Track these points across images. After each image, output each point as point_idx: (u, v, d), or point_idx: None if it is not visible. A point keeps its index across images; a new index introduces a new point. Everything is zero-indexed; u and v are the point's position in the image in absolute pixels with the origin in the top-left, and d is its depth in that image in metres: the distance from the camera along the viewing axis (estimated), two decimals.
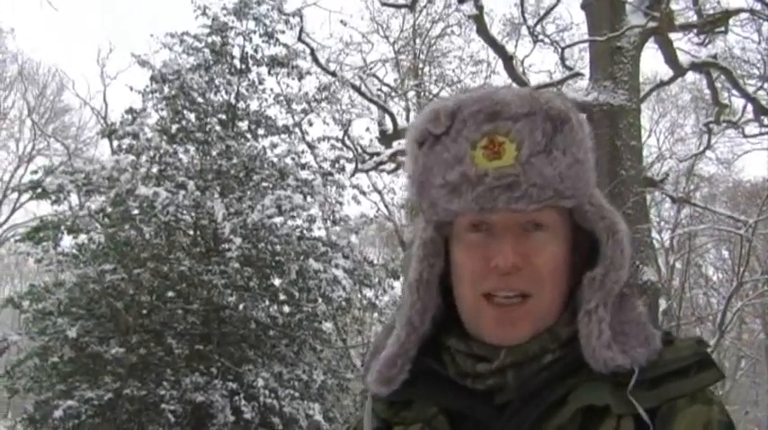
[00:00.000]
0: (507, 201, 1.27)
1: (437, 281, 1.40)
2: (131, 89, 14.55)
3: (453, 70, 26.07)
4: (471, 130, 1.30)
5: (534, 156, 1.28)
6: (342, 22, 22.49)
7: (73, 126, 41.42)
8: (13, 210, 39.59)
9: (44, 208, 13.98)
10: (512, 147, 1.28)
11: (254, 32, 14.85)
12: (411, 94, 26.81)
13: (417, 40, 26.37)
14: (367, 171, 16.99)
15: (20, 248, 13.27)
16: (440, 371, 1.38)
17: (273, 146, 15.08)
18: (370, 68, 23.91)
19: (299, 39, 15.89)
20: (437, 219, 1.36)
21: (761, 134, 21.43)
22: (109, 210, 13.06)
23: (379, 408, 1.44)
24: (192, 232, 13.71)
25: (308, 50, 16.05)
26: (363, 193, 15.97)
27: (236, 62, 14.88)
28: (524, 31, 18.15)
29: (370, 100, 20.12)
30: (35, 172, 13.74)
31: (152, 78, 14.14)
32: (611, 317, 1.32)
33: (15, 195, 33.31)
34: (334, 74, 18.03)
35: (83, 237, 13.47)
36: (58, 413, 11.68)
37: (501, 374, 1.32)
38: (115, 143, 14.81)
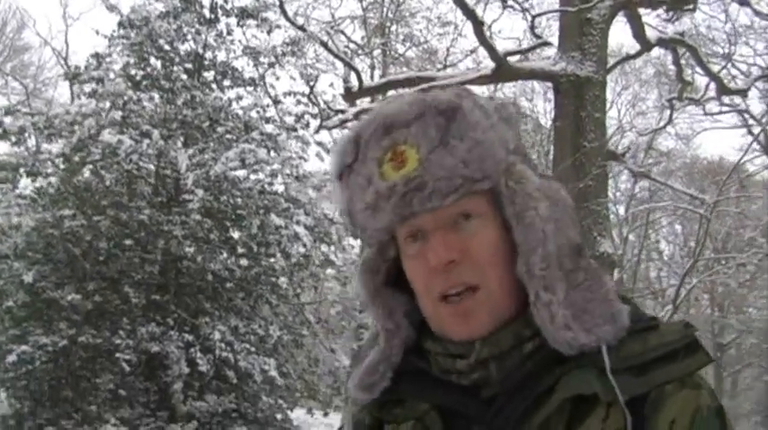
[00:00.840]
0: (421, 201, 1.29)
1: (384, 284, 1.42)
2: (97, 33, 14.36)
3: (421, 30, 26.02)
4: (374, 149, 1.33)
5: (432, 152, 1.30)
6: None
7: (32, 65, 40.71)
8: None
9: (1, 148, 13.75)
10: (413, 152, 1.30)
11: None
12: (377, 52, 26.74)
13: None
14: (331, 128, 16.89)
15: None
16: (426, 369, 1.39)
17: (239, 98, 15.00)
18: (338, 24, 23.81)
19: None
20: (376, 241, 1.39)
21: (721, 112, 21.73)
22: (69, 154, 12.86)
23: (370, 406, 1.45)
24: (153, 181, 13.60)
25: (276, 2, 15.91)
26: (327, 151, 15.93)
27: (206, 11, 14.72)
28: None
29: (337, 56, 19.92)
30: None
31: (120, 24, 13.94)
32: (569, 295, 1.30)
33: None
34: (302, 28, 17.85)
35: (41, 181, 13.28)
36: (11, 358, 11.58)
37: (484, 368, 1.33)
38: (77, 87, 14.61)
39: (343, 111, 16.76)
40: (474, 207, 1.32)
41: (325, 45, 20.05)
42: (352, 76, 18.11)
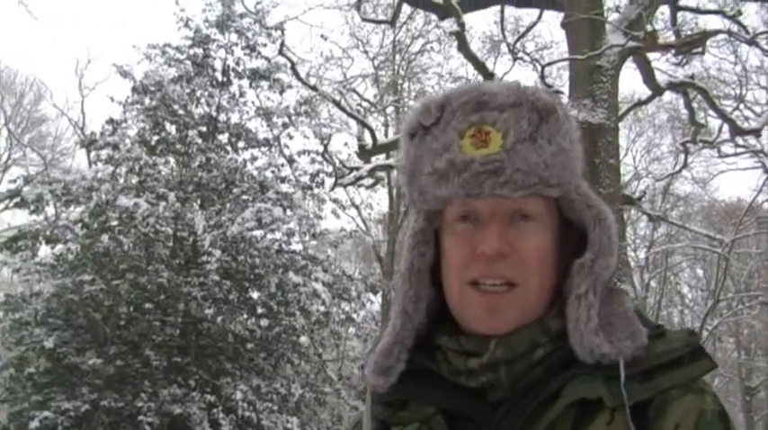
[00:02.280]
0: (492, 186, 1.29)
1: (428, 270, 1.41)
2: (112, 100, 14.56)
3: (432, 86, 26.15)
4: (459, 121, 1.33)
5: (519, 143, 1.30)
6: (322, 36, 22.59)
7: (50, 136, 41.17)
8: None
9: (20, 217, 13.90)
10: (498, 136, 1.31)
11: (236, 45, 14.93)
12: (390, 109, 26.90)
13: (397, 56, 26.46)
14: (346, 185, 16.99)
15: None
16: (434, 370, 1.38)
17: (254, 159, 15.11)
18: (350, 83, 24.00)
19: (280, 52, 15.90)
20: (427, 208, 1.39)
21: (736, 154, 21.67)
22: (87, 220, 12.96)
23: (376, 410, 1.45)
24: (171, 244, 13.67)
25: (288, 64, 16.10)
26: (342, 208, 16.01)
27: (218, 74, 14.92)
28: (504, 48, 18.28)
29: (350, 114, 20.08)
30: (13, 181, 13.64)
31: (133, 89, 14.14)
32: (600, 306, 1.32)
33: None
34: (314, 88, 18.04)
35: (60, 247, 13.39)
36: (33, 424, 11.58)
37: (493, 371, 1.33)
38: (94, 154, 14.76)
39: (357, 169, 16.86)
40: (534, 209, 1.33)
41: (337, 104, 20.23)
42: (366, 134, 18.27)
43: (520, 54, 16.28)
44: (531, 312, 1.33)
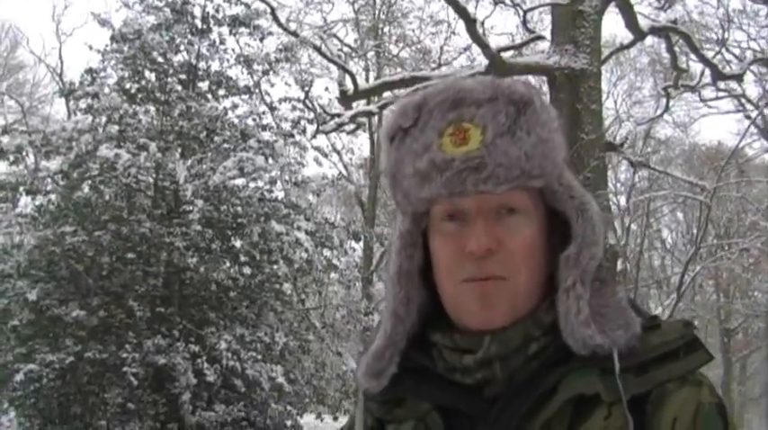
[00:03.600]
0: (475, 182, 1.28)
1: (417, 272, 1.40)
2: (90, 48, 14.36)
3: (413, 30, 25.96)
4: (437, 120, 1.32)
5: (498, 137, 1.29)
6: None
7: (27, 83, 40.78)
8: None
9: (1, 168, 13.78)
10: (477, 132, 1.29)
11: None
12: (371, 54, 26.71)
13: (377, 0, 26.22)
14: (328, 132, 16.90)
15: None
16: (429, 367, 1.38)
17: (234, 107, 15.03)
18: (330, 28, 23.79)
19: None
20: (412, 210, 1.38)
21: (717, 98, 21.73)
22: (68, 170, 12.87)
23: (372, 407, 1.45)
24: (152, 194, 13.60)
25: (268, 10, 15.92)
26: (325, 155, 15.97)
27: (197, 22, 14.73)
28: None
29: (330, 60, 19.90)
30: None
31: (112, 38, 13.97)
32: (590, 298, 1.31)
33: None
34: (294, 33, 17.86)
35: (41, 199, 13.31)
36: (18, 377, 11.62)
37: (488, 367, 1.32)
38: (73, 103, 14.63)
39: (339, 115, 16.77)
40: (519, 202, 1.32)
41: (318, 49, 20.04)
42: (347, 80, 18.17)
43: None
44: (523, 305, 1.32)
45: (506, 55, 14.02)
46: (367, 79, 25.69)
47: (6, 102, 38.69)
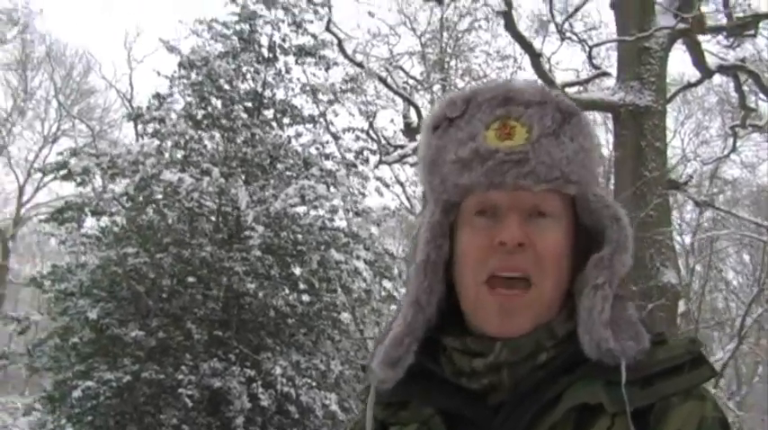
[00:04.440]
0: (516, 176, 1.31)
1: (443, 264, 1.42)
2: (158, 74, 14.65)
3: (480, 65, 26.00)
4: (485, 114, 1.36)
5: (544, 137, 1.33)
6: (369, 13, 22.63)
7: (98, 108, 41.81)
8: (37, 190, 39.93)
9: (67, 189, 14.10)
10: (522, 131, 1.33)
11: (283, 21, 14.87)
12: (437, 87, 26.81)
13: (444, 34, 26.33)
14: (390, 163, 17.03)
15: (44, 229, 13.37)
16: (436, 372, 1.39)
17: (298, 135, 15.12)
18: (397, 60, 23.97)
19: (327, 29, 15.94)
20: (446, 198, 1.39)
21: None
22: (133, 193, 13.11)
23: (375, 409, 1.46)
24: (214, 218, 13.75)
25: (335, 41, 16.10)
26: (386, 186, 16.01)
27: (264, 51, 14.92)
28: (552, 28, 18.13)
29: (396, 92, 20.11)
30: (60, 153, 13.82)
31: (180, 64, 14.20)
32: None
33: (39, 175, 33.54)
34: (360, 65, 18.06)
35: (106, 220, 13.56)
36: (76, 393, 11.77)
37: (496, 373, 1.34)
38: (140, 127, 14.90)
39: (402, 147, 16.87)
40: (550, 206, 1.35)
41: (384, 81, 20.23)
42: (412, 112, 18.28)
43: (568, 34, 16.16)
44: (543, 316, 1.35)
45: (571, 90, 14.01)
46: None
47: (78, 125, 39.58)
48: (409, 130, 17.77)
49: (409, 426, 1.39)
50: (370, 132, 15.92)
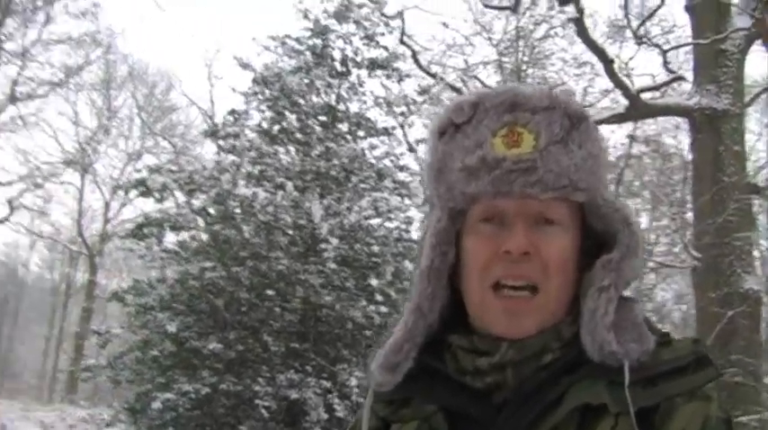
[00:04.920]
0: (523, 184, 1.30)
1: (447, 271, 1.42)
2: (234, 91, 14.92)
3: (557, 72, 25.84)
4: (492, 120, 1.35)
5: (552, 145, 1.32)
6: (444, 24, 22.58)
7: (180, 125, 42.69)
8: (122, 206, 40.85)
9: (151, 205, 14.41)
10: (530, 137, 1.33)
11: (354, 35, 15.03)
12: None
13: (520, 42, 26.21)
14: None
15: (124, 244, 13.68)
16: (439, 369, 1.40)
17: (372, 147, 15.22)
18: (473, 70, 23.92)
19: (401, 41, 16.00)
20: (452, 206, 1.39)
21: None
22: (210, 208, 13.36)
23: (377, 407, 1.46)
24: (291, 232, 13.90)
25: (407, 53, 16.15)
26: None
27: (337, 65, 15.06)
28: (628, 33, 17.95)
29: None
30: (139, 170, 14.17)
31: (254, 81, 14.44)
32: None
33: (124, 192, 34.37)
34: (435, 76, 18.07)
35: (185, 235, 13.81)
36: (156, 405, 12.03)
37: (500, 372, 1.34)
38: (218, 143, 15.18)
39: None
40: (557, 213, 1.35)
41: (458, 92, 20.14)
42: None
43: (644, 39, 15.95)
44: (549, 319, 1.35)
45: (647, 96, 13.81)
46: None
47: (160, 142, 40.44)
48: None
49: (410, 424, 1.40)
50: None
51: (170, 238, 14.01)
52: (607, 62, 14.06)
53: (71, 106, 41.49)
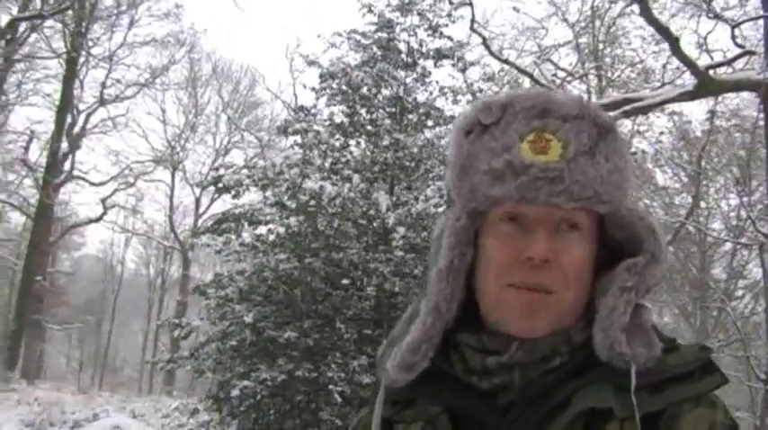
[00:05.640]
0: (549, 193, 1.30)
1: (465, 271, 1.40)
2: (305, 87, 15.36)
3: (635, 50, 25.57)
4: (521, 124, 1.34)
5: (580, 155, 1.32)
6: (514, 8, 22.62)
7: (265, 119, 43.23)
8: (212, 201, 41.77)
9: (245, 200, 14.89)
10: (558, 146, 1.32)
11: (419, 27, 15.29)
12: (592, 76, 26.49)
13: (596, 21, 26.00)
14: None
15: (201, 240, 14.15)
16: (446, 370, 1.39)
17: (440, 137, 15.46)
18: (546, 54, 23.88)
19: (471, 28, 16.18)
20: (474, 207, 1.38)
21: None
22: (285, 202, 13.77)
23: (382, 407, 1.46)
24: (362, 222, 14.21)
25: (472, 42, 16.35)
26: None
27: (403, 56, 15.34)
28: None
29: (543, 86, 20.07)
30: (216, 168, 14.68)
31: (321, 77, 14.83)
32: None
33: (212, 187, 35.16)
34: (507, 61, 18.20)
35: (262, 229, 14.25)
36: (235, 392, 12.49)
37: (508, 373, 1.33)
38: (291, 139, 15.63)
39: None
40: (580, 220, 1.35)
41: (531, 76, 20.25)
42: None
43: (716, 13, 15.86)
44: (562, 321, 1.35)
45: (719, 71, 13.77)
46: (590, 101, 25.56)
47: (246, 137, 41.19)
48: None
49: (414, 425, 1.40)
50: None
51: (247, 232, 14.48)
52: (672, 40, 14.06)
53: (159, 105, 42.79)
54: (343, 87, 14.77)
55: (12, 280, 43.65)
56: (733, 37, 15.05)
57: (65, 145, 33.03)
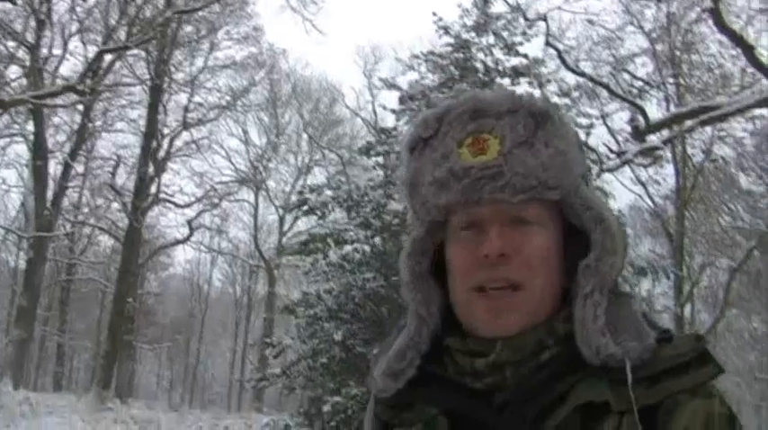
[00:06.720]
0: (492, 190, 1.31)
1: (430, 275, 1.43)
2: (384, 108, 15.77)
3: (713, 55, 25.38)
4: (457, 131, 1.36)
5: (516, 147, 1.32)
6: (589, 21, 22.75)
7: (345, 136, 43.58)
8: (296, 219, 42.38)
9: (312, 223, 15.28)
10: (495, 143, 1.33)
11: (494, 47, 15.54)
12: (670, 83, 26.34)
13: (672, 28, 25.89)
14: (612, 170, 17.22)
15: (289, 261, 14.50)
16: (440, 373, 1.40)
17: None
18: (622, 64, 23.89)
19: (546, 42, 16.40)
20: (429, 219, 1.40)
21: None
22: (371, 221, 14.09)
23: (379, 410, 1.47)
24: None
25: (548, 59, 16.53)
26: (606, 194, 16.28)
27: (480, 76, 15.57)
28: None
29: (619, 97, 20.19)
30: (300, 191, 15.08)
31: (400, 99, 15.18)
32: (606, 307, 1.33)
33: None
34: (583, 74, 18.34)
35: (347, 248, 14.59)
36: (326, 407, 12.85)
37: (499, 372, 1.34)
38: (373, 160, 15.99)
39: (623, 153, 17.06)
40: (532, 214, 1.35)
41: (607, 87, 20.40)
42: (639, 115, 18.29)
43: None
44: (536, 314, 1.35)
45: None
46: (668, 109, 25.45)
47: (328, 155, 41.73)
48: (638, 133, 17.84)
49: (413, 427, 1.40)
50: (588, 144, 16.10)
51: (334, 252, 14.83)
52: (746, 48, 14.15)
53: (240, 127, 43.29)
54: (423, 109, 15.07)
55: (101, 301, 44.82)
56: None
57: (151, 169, 33.85)
